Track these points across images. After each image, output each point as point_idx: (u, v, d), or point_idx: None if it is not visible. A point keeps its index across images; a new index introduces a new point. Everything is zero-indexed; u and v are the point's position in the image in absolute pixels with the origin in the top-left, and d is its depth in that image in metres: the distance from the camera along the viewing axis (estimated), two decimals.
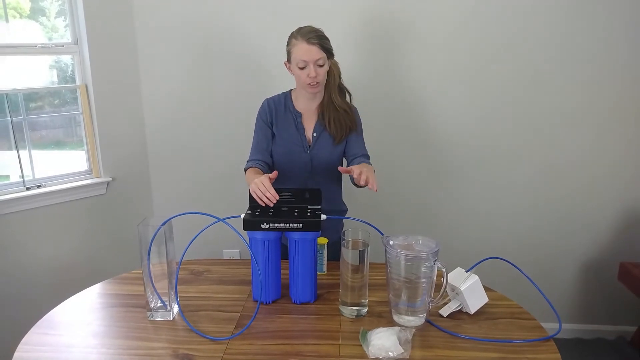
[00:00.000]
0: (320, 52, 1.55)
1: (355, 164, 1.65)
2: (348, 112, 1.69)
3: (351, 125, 1.69)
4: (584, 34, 2.13)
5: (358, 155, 1.69)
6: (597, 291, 2.46)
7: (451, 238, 2.40)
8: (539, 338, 1.21)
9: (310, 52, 1.54)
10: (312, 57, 1.54)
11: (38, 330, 1.26)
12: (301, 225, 1.31)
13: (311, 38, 1.54)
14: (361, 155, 1.69)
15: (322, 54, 1.56)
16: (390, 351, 1.13)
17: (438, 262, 1.22)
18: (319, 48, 1.55)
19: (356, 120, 1.72)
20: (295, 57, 1.57)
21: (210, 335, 1.22)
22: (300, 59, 1.55)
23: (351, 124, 1.69)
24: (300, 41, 1.55)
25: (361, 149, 1.72)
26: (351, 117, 1.69)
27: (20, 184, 2.11)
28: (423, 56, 2.22)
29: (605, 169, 2.29)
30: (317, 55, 1.55)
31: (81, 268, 2.27)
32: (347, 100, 1.73)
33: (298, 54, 1.55)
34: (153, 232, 1.24)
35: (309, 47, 1.54)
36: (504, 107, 2.25)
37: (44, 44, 2.13)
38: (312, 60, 1.54)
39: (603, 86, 2.19)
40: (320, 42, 1.55)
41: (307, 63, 1.55)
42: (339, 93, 1.71)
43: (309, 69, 1.55)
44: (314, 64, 1.55)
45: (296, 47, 1.56)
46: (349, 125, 1.69)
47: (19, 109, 2.10)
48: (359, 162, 1.65)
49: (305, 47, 1.54)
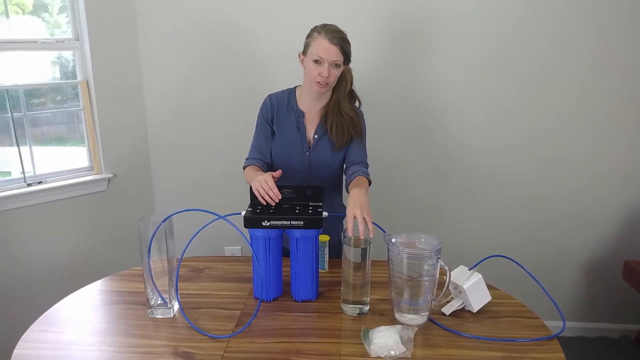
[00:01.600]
0: (339, 55, 1.52)
1: (351, 171, 1.62)
2: (354, 119, 1.64)
3: (354, 133, 1.64)
4: (586, 31, 2.11)
5: (356, 162, 1.64)
6: (601, 289, 2.45)
7: (454, 236, 2.39)
8: (542, 337, 1.20)
9: (329, 51, 1.51)
10: (329, 56, 1.51)
11: (38, 327, 1.26)
12: (302, 223, 1.30)
13: (334, 38, 1.51)
14: (359, 162, 1.65)
15: (340, 57, 1.53)
16: (392, 350, 1.12)
17: (441, 260, 1.21)
18: (339, 50, 1.51)
19: (361, 127, 1.67)
20: (313, 51, 1.53)
21: (211, 333, 1.22)
22: (317, 54, 1.51)
23: (354, 132, 1.64)
24: (323, 37, 1.51)
25: (360, 155, 1.67)
26: (356, 124, 1.64)
27: (21, 180, 2.11)
28: (426, 55, 2.21)
29: (609, 166, 2.27)
30: (335, 57, 1.52)
31: (82, 265, 2.27)
32: (355, 106, 1.69)
33: (316, 49, 1.52)
34: (153, 229, 1.23)
35: (330, 46, 1.50)
36: (507, 105, 2.24)
37: (45, 39, 2.12)
38: (328, 59, 1.51)
39: (606, 83, 2.17)
40: (342, 45, 1.52)
41: (323, 60, 1.51)
42: (349, 99, 1.67)
43: (323, 67, 1.51)
44: (330, 64, 1.52)
45: (316, 42, 1.52)
46: (351, 133, 1.64)
47: (20, 105, 2.09)
48: (354, 170, 1.61)
49: (326, 44, 1.50)
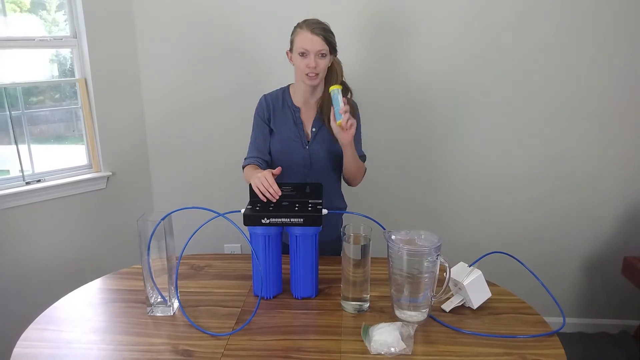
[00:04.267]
0: (323, 44, 1.54)
1: None
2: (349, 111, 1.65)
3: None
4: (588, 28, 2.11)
5: None
6: (601, 285, 2.45)
7: (454, 233, 2.39)
8: (542, 333, 1.20)
9: (312, 42, 1.53)
10: (314, 47, 1.53)
11: (37, 325, 1.26)
12: (302, 220, 1.30)
13: (315, 29, 1.53)
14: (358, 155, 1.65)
15: (324, 46, 1.54)
16: (392, 347, 1.12)
17: (440, 256, 1.21)
18: (322, 39, 1.53)
19: (356, 118, 1.68)
20: (297, 45, 1.56)
21: (211, 330, 1.21)
22: (302, 46, 1.54)
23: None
24: (305, 30, 1.54)
25: (357, 149, 1.67)
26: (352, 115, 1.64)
27: (20, 179, 2.10)
28: (426, 51, 2.20)
29: (609, 162, 2.27)
30: (319, 47, 1.53)
31: (81, 263, 2.27)
32: (349, 97, 1.70)
33: (300, 43, 1.54)
34: (152, 227, 1.23)
35: (312, 37, 1.52)
36: (507, 102, 2.23)
37: (43, 37, 2.11)
38: (313, 50, 1.53)
39: (605, 81, 2.17)
40: (325, 35, 1.54)
41: (308, 52, 1.53)
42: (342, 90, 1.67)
43: (309, 58, 1.54)
44: (315, 54, 1.53)
45: (299, 36, 1.55)
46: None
47: (18, 103, 2.09)
48: None
49: (308, 36, 1.53)
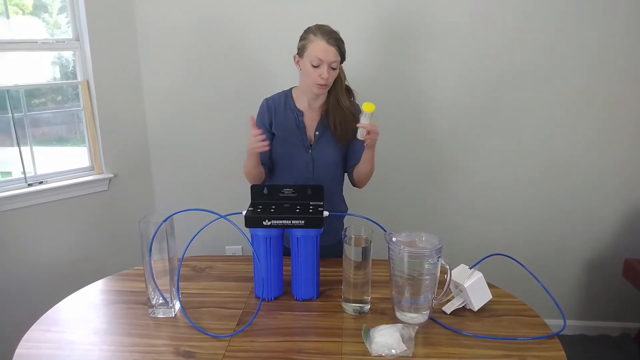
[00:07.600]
0: (337, 55, 1.53)
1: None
2: (355, 114, 1.65)
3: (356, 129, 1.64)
4: (589, 27, 2.11)
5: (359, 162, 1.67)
6: (602, 288, 2.45)
7: (454, 235, 2.39)
8: (543, 335, 1.20)
9: (327, 53, 1.51)
10: (328, 57, 1.51)
11: (39, 327, 1.26)
12: (303, 222, 1.30)
13: (331, 39, 1.52)
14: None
15: (337, 57, 1.54)
16: (393, 348, 1.12)
17: (441, 258, 1.21)
18: (336, 50, 1.52)
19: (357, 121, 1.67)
20: (311, 54, 1.53)
21: (212, 332, 1.22)
22: (317, 56, 1.52)
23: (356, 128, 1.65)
24: (320, 39, 1.52)
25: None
26: (357, 120, 1.64)
27: (22, 181, 2.11)
28: (426, 52, 2.20)
29: (609, 164, 2.27)
30: (333, 58, 1.52)
31: (83, 265, 2.27)
32: (353, 101, 1.70)
33: (315, 51, 1.52)
34: (154, 229, 1.23)
35: (328, 47, 1.51)
36: (507, 103, 2.24)
37: (45, 39, 2.12)
38: (328, 60, 1.52)
39: (607, 80, 2.17)
40: (338, 45, 1.53)
41: (322, 62, 1.52)
42: (347, 94, 1.68)
43: (323, 69, 1.52)
44: (329, 65, 1.52)
45: (314, 44, 1.53)
46: (354, 129, 1.64)
47: (21, 105, 2.09)
48: None
49: (324, 46, 1.51)
